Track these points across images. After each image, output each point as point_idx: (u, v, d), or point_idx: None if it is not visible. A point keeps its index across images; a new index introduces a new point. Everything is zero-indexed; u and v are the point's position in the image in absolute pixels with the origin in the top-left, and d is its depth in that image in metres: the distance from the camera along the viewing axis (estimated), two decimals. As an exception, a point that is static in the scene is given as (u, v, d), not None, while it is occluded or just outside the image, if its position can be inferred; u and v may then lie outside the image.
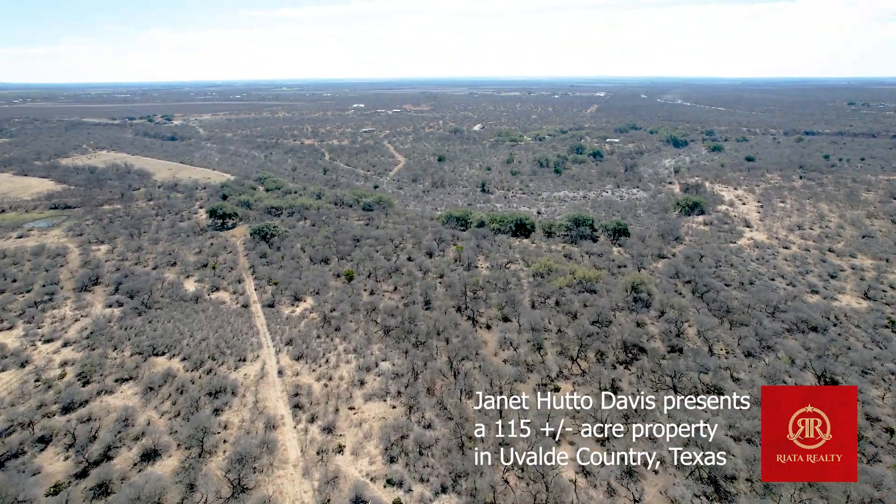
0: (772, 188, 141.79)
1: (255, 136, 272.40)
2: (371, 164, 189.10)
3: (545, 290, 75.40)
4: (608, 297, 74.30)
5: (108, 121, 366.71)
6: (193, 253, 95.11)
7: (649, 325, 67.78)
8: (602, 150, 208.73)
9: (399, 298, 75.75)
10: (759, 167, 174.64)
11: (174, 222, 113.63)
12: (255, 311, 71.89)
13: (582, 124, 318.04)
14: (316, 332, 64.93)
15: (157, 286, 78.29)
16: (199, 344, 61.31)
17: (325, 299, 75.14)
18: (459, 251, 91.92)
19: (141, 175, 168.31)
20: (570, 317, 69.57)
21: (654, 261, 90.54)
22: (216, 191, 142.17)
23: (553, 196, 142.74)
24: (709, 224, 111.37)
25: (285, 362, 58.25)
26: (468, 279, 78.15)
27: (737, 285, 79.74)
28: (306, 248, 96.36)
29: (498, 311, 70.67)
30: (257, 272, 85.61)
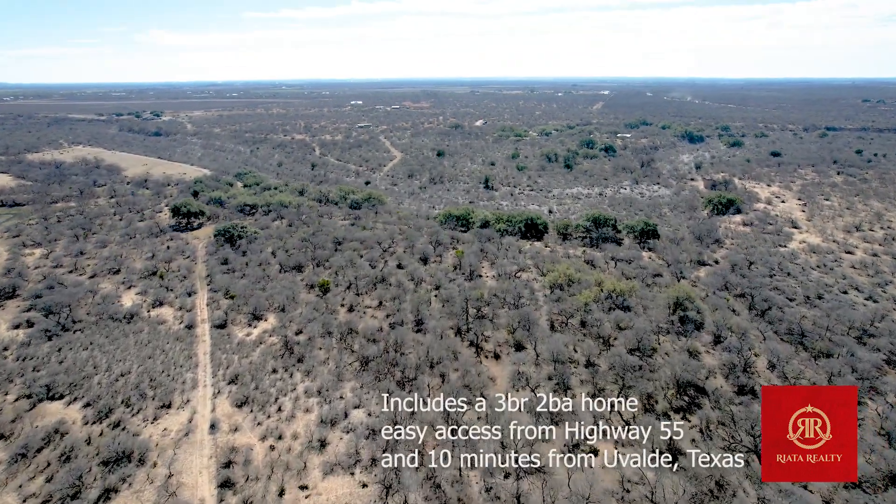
0: (810, 185, 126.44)
1: (243, 131, 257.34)
2: (364, 160, 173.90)
3: (567, 307, 60.17)
4: (646, 317, 59.18)
5: (95, 117, 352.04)
6: (144, 258, 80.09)
7: (704, 354, 52.59)
8: (614, 145, 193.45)
9: (384, 317, 60.62)
10: (789, 163, 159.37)
11: (131, 222, 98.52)
12: (200, 333, 56.80)
13: (589, 120, 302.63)
14: (272, 365, 49.79)
15: (85, 300, 63.28)
16: (114, 382, 46.20)
17: (292, 318, 60.09)
18: (460, 256, 76.80)
19: (110, 171, 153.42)
20: (600, 342, 54.42)
21: (694, 268, 75.33)
22: (188, 187, 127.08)
23: (565, 193, 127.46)
24: (749, 224, 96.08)
25: (223, 410, 43.13)
26: (470, 292, 63.07)
27: (802, 300, 64.48)
28: (278, 252, 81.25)
29: (508, 335, 55.48)
30: (214, 282, 70.58)
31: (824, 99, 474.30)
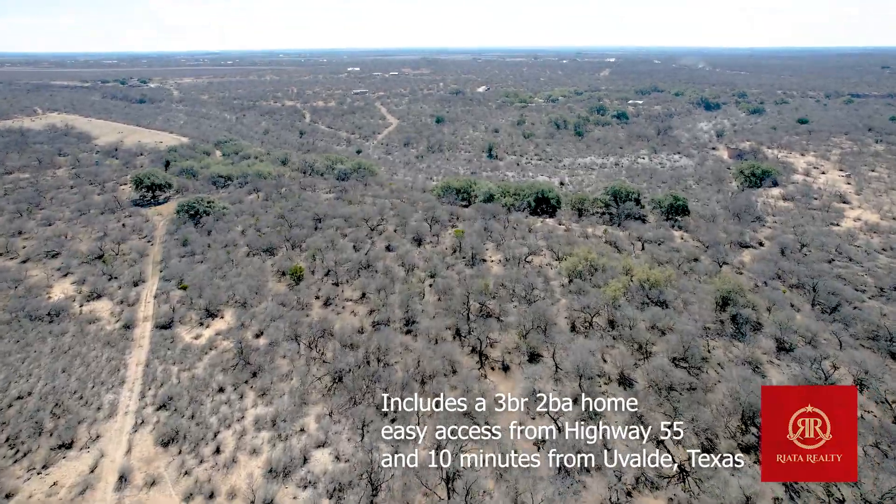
0: (849, 154, 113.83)
1: (231, 98, 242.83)
2: (357, 127, 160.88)
3: (590, 302, 48.89)
4: (688, 314, 48.15)
5: (79, 83, 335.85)
6: (93, 238, 68.73)
7: (768, 366, 41.64)
8: (626, 112, 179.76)
9: (366, 314, 49.60)
10: (820, 130, 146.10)
11: (87, 195, 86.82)
12: (138, 335, 45.88)
13: (597, 87, 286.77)
14: (219, 381, 38.94)
15: (4, 293, 52.21)
16: (4, 410, 35.41)
17: (254, 314, 49.10)
18: (460, 237, 65.36)
19: (80, 139, 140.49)
20: (635, 349, 43.47)
21: (736, 251, 63.93)
22: (161, 157, 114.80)
23: (577, 163, 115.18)
24: (790, 199, 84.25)
25: (142, 452, 32.40)
26: (472, 282, 51.89)
27: (875, 292, 53.29)
28: (249, 231, 69.89)
29: (520, 340, 44.43)
30: (169, 268, 59.43)
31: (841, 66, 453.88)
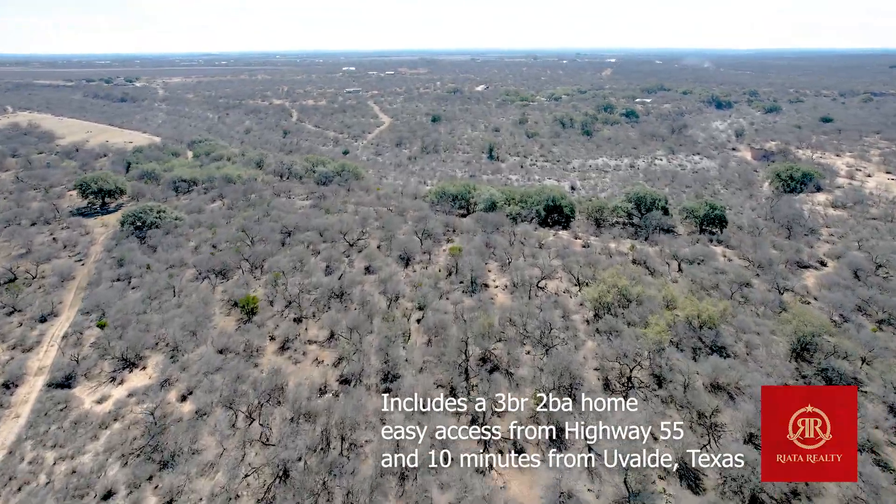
0: (891, 154, 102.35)
1: (217, 97, 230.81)
2: (346, 126, 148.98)
3: (627, 347, 36.97)
4: (755, 363, 36.37)
5: (63, 83, 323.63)
6: (13, 255, 56.83)
7: (889, 448, 29.83)
8: (636, 111, 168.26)
9: (333, 362, 37.71)
10: (848, 129, 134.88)
11: (24, 202, 74.85)
12: (20, 399, 33.94)
13: (601, 85, 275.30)
14: (107, 483, 27.00)
15: None
16: None
17: (185, 364, 37.20)
18: (456, 255, 53.47)
19: (41, 138, 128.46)
20: (696, 422, 31.63)
21: (795, 273, 52.12)
22: (124, 158, 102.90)
23: (588, 165, 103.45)
24: (841, 206, 72.62)
25: None
26: (472, 318, 40.09)
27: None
28: (203, 246, 58.00)
29: (535, 405, 32.52)
30: (92, 296, 47.51)
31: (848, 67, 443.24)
